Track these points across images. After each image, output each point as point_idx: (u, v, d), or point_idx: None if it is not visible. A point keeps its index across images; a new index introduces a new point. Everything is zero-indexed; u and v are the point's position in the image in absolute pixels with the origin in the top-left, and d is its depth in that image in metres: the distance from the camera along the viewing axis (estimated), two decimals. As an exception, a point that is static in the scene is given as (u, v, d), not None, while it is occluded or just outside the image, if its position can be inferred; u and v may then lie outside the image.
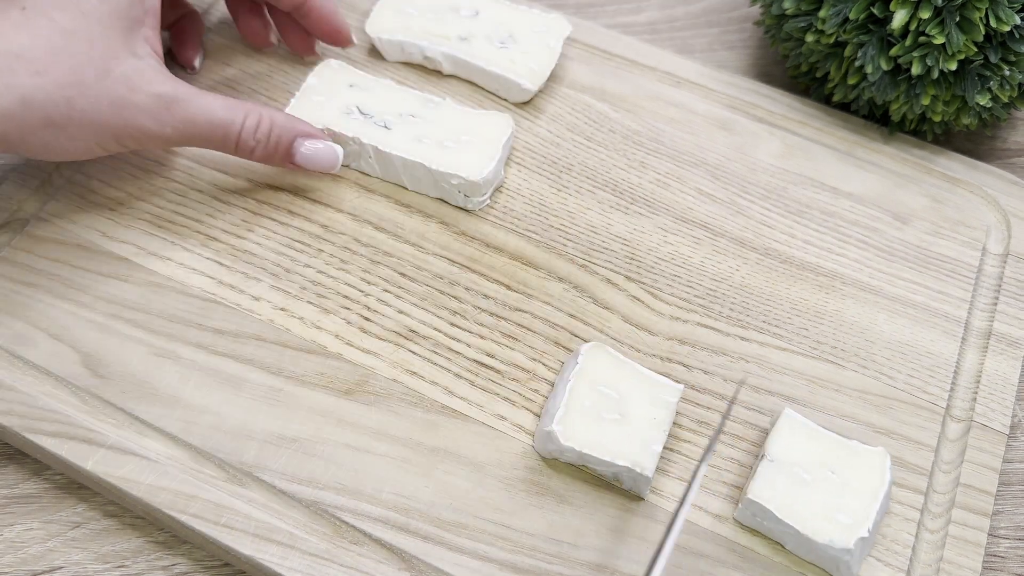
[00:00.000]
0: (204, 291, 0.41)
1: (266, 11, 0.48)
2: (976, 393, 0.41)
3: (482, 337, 0.41)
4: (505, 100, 0.48)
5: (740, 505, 0.37)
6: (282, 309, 0.41)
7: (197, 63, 0.48)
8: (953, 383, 0.41)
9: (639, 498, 0.37)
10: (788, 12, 0.47)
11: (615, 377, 0.38)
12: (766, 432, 0.39)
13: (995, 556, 0.40)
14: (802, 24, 0.47)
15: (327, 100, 0.45)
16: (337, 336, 0.40)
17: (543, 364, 0.41)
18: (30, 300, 0.41)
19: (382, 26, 0.48)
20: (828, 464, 0.37)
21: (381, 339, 0.41)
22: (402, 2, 0.49)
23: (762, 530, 0.37)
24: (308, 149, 0.42)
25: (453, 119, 0.44)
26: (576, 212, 0.45)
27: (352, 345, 0.40)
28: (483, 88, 0.49)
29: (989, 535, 0.39)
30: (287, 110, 0.44)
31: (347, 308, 0.41)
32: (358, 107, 0.44)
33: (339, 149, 0.43)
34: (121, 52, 0.37)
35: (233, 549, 0.35)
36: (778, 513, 0.35)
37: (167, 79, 0.39)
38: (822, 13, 0.45)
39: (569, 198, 0.45)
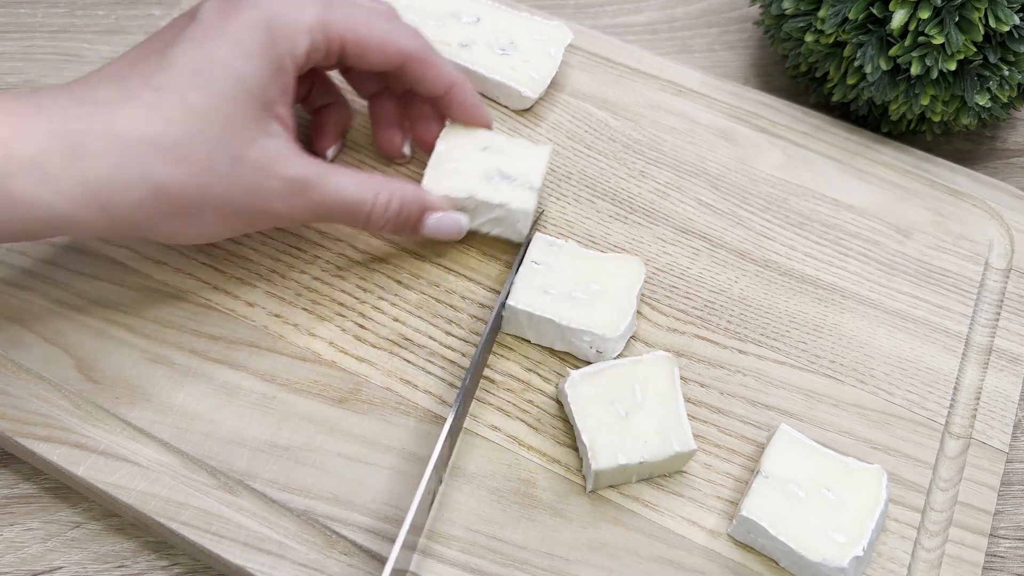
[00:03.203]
0: (198, 296, 0.41)
1: (404, 123, 0.46)
2: (976, 410, 0.41)
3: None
4: (506, 107, 0.48)
5: (734, 521, 0.36)
6: (276, 316, 0.41)
7: (330, 155, 0.46)
8: (952, 399, 0.41)
9: (633, 512, 0.37)
10: (788, 12, 0.46)
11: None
12: (762, 447, 0.39)
13: (995, 556, 0.39)
14: (801, 24, 0.46)
15: (462, 166, 0.42)
16: (331, 344, 0.40)
17: (538, 375, 0.40)
18: (24, 303, 0.40)
19: (383, 31, 0.48)
20: (823, 481, 0.36)
21: (375, 347, 0.40)
22: (403, 8, 0.49)
23: (756, 547, 0.36)
24: (434, 221, 0.41)
25: (579, 265, 0.41)
26: (574, 221, 0.45)
27: (346, 353, 0.40)
28: (484, 95, 0.48)
29: (989, 535, 0.38)
30: (424, 182, 0.41)
31: (342, 315, 0.41)
32: (500, 170, 0.42)
33: (463, 219, 0.42)
34: (254, 133, 0.36)
35: (222, 558, 0.35)
36: (772, 530, 0.35)
37: (300, 159, 0.37)
38: (821, 13, 0.45)
39: (567, 207, 0.45)
